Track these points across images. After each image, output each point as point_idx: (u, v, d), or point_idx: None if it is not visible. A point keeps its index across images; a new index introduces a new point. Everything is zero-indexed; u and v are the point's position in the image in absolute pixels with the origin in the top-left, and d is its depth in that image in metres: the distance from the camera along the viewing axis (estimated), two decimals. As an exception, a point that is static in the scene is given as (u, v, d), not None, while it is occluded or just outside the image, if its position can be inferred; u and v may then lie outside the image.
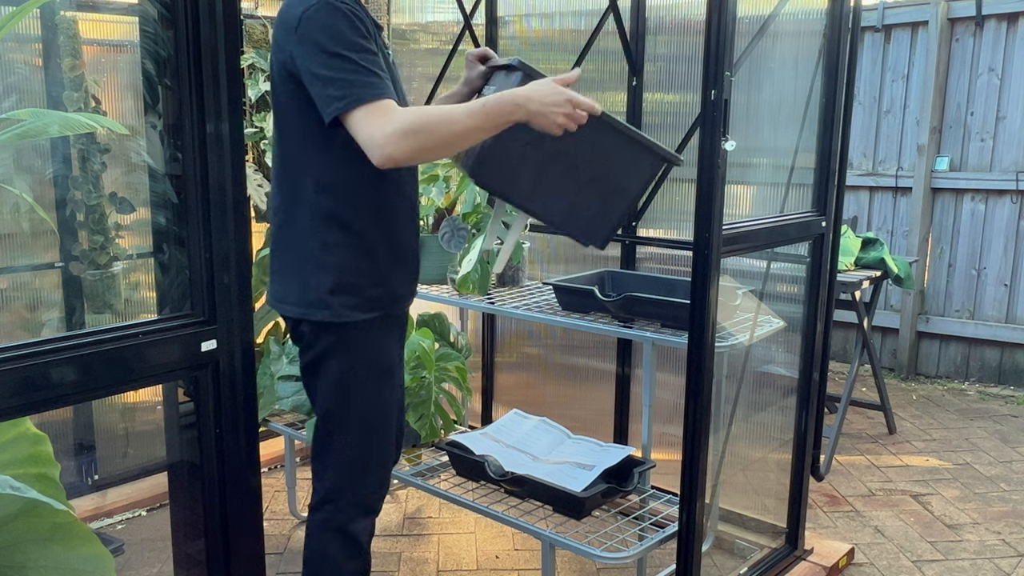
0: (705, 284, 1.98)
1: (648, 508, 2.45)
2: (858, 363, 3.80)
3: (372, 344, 1.89)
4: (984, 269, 4.67)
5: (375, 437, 1.93)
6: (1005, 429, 4.05)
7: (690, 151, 2.79)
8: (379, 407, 1.93)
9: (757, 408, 2.76)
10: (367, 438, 1.92)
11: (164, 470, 1.85)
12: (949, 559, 2.84)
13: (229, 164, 1.26)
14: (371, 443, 1.93)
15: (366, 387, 1.89)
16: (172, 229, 1.30)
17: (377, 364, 1.90)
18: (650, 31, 2.96)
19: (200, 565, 1.37)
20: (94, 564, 1.22)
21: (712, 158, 1.93)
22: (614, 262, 3.10)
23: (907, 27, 4.77)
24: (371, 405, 1.91)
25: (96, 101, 2.66)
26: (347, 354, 1.86)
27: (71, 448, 3.02)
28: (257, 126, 3.39)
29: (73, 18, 2.62)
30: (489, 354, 3.54)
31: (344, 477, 1.92)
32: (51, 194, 2.74)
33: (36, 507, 1.18)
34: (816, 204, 2.53)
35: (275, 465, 3.45)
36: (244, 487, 1.35)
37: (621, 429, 3.14)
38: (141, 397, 2.97)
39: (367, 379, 1.88)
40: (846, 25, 2.46)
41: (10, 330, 2.82)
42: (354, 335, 1.86)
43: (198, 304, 1.28)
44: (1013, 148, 4.52)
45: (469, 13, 3.34)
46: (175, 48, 1.22)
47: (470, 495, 2.47)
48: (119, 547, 2.74)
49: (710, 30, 1.89)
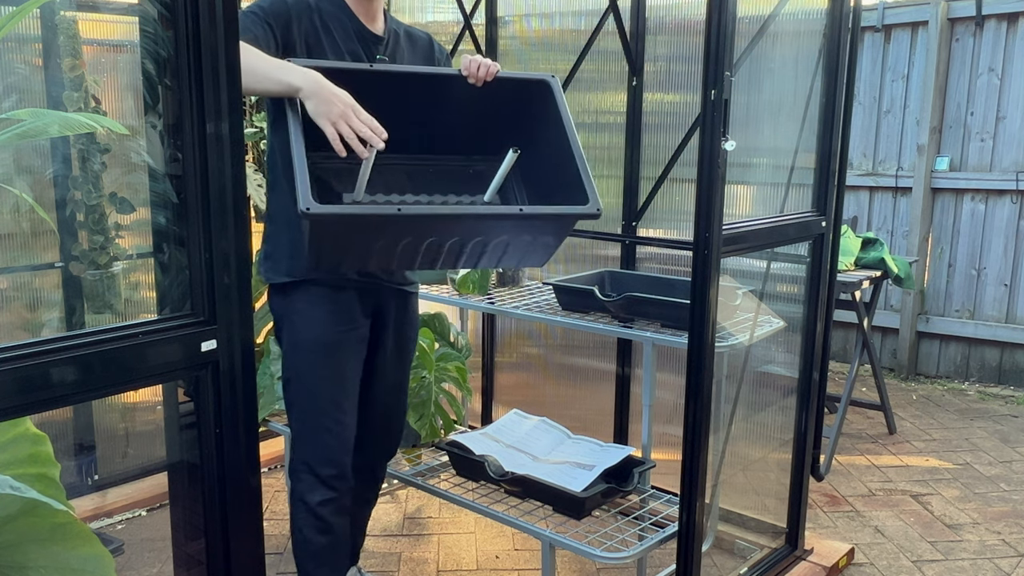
0: (705, 284, 1.98)
1: (648, 508, 2.45)
2: (858, 363, 3.80)
3: (299, 311, 2.03)
4: (984, 269, 4.67)
5: (311, 409, 2.05)
6: (1005, 429, 4.05)
7: (690, 151, 2.79)
8: (312, 379, 2.04)
9: (757, 408, 2.76)
10: (304, 410, 2.06)
11: (164, 470, 1.86)
12: (949, 559, 2.84)
13: (229, 164, 1.26)
14: (310, 415, 2.05)
15: (298, 357, 2.05)
16: (172, 229, 1.30)
17: (306, 335, 2.03)
18: (650, 31, 2.96)
19: (200, 565, 1.37)
20: (94, 564, 1.22)
21: (712, 158, 1.93)
22: (614, 262, 3.10)
23: (907, 27, 4.77)
24: (305, 376, 2.05)
25: (96, 101, 2.66)
26: (283, 319, 2.07)
27: (71, 448, 3.02)
28: (257, 126, 3.39)
29: (73, 18, 2.62)
30: (489, 354, 3.54)
31: (297, 447, 2.09)
32: (51, 194, 2.74)
33: (36, 507, 1.18)
34: (816, 204, 2.53)
35: (275, 465, 3.45)
36: (244, 487, 1.35)
37: (621, 429, 3.14)
38: (141, 397, 2.97)
39: (298, 350, 2.04)
40: (846, 25, 2.46)
41: (10, 330, 2.82)
42: (285, 297, 2.05)
43: (198, 304, 1.27)
44: (1013, 148, 4.52)
45: (469, 13, 3.34)
46: (175, 48, 1.22)
47: (470, 495, 2.47)
48: (119, 547, 2.74)
49: (710, 30, 1.89)
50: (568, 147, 1.92)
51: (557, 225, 1.88)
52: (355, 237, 1.78)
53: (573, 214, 1.85)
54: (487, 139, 2.05)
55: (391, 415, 2.31)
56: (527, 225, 1.83)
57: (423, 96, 1.99)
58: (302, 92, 1.73)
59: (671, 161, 2.84)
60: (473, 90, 1.98)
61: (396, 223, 1.71)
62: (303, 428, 2.07)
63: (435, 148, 2.06)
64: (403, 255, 1.84)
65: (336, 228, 1.72)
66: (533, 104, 2.02)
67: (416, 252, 1.83)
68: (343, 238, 1.77)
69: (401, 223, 1.71)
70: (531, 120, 2.03)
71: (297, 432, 2.09)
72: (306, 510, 2.05)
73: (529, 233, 1.87)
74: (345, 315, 2.06)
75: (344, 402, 2.08)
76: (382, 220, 1.71)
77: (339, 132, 1.73)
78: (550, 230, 1.89)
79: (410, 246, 1.81)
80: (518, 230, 1.85)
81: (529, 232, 1.87)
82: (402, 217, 1.68)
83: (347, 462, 2.10)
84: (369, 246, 1.80)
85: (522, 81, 2.04)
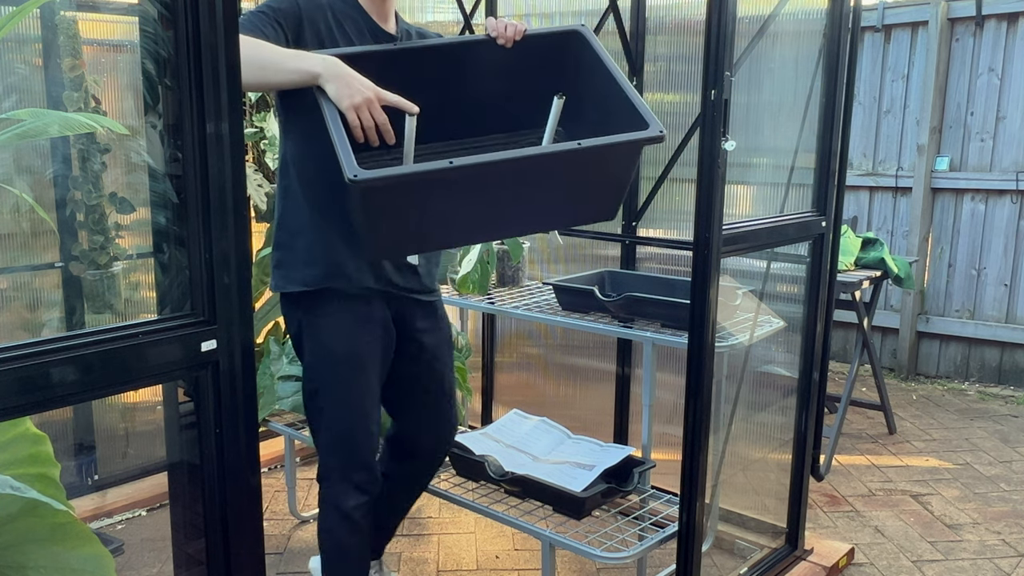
0: (705, 284, 1.98)
1: (648, 508, 2.45)
2: (858, 363, 3.80)
3: (323, 324, 1.99)
4: (984, 269, 4.67)
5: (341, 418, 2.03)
6: (1005, 429, 4.05)
7: (690, 151, 2.79)
8: (341, 391, 2.01)
9: (757, 408, 2.76)
10: (334, 419, 2.03)
11: (164, 470, 1.86)
12: (949, 559, 2.84)
13: (229, 164, 1.26)
14: (340, 424, 2.03)
15: (324, 368, 2.01)
16: (172, 229, 1.30)
17: (333, 346, 1.99)
18: (650, 31, 2.96)
19: (200, 565, 1.37)
20: (94, 564, 1.22)
21: (712, 158, 1.93)
22: (614, 262, 3.10)
23: (907, 27, 4.77)
24: (333, 387, 2.01)
25: (96, 101, 2.66)
26: (304, 330, 2.02)
27: (71, 448, 3.02)
28: (257, 126, 3.39)
29: (73, 18, 2.62)
30: (489, 354, 3.54)
31: (328, 455, 2.06)
32: (51, 194, 2.74)
33: (36, 507, 1.18)
34: (816, 204, 2.53)
35: (275, 465, 3.45)
36: (244, 487, 1.35)
37: (621, 429, 3.14)
38: (141, 397, 2.97)
39: (325, 361, 2.00)
40: (846, 25, 2.46)
41: (10, 330, 2.82)
42: (304, 308, 2.00)
43: (198, 304, 1.27)
44: (1013, 148, 4.52)
45: (469, 13, 3.34)
46: (175, 48, 1.22)
47: (470, 495, 2.47)
48: (119, 547, 2.74)
49: (710, 30, 1.89)
50: (616, 85, 1.80)
51: (621, 156, 1.72)
52: (410, 204, 1.64)
53: (636, 140, 1.70)
54: (526, 108, 1.92)
55: (426, 425, 2.26)
56: (588, 162, 1.70)
57: (453, 70, 1.89)
58: (322, 77, 1.69)
59: (671, 161, 2.84)
60: (504, 55, 1.88)
61: (450, 178, 1.60)
62: (333, 437, 2.05)
63: (475, 129, 1.95)
64: (464, 221, 1.71)
65: (388, 195, 1.60)
66: (567, 58, 1.91)
67: (476, 215, 1.71)
68: (397, 207, 1.65)
69: (455, 177, 1.60)
70: (569, 74, 1.91)
71: (326, 441, 2.06)
72: (339, 514, 2.04)
73: (591, 172, 1.73)
74: (369, 325, 2.02)
75: (373, 411, 2.06)
76: (436, 175, 1.59)
77: (360, 119, 1.69)
78: (613, 164, 1.73)
79: (469, 207, 1.69)
80: (579, 169, 1.71)
81: (591, 171, 1.72)
82: (456, 169, 1.58)
83: (376, 466, 2.10)
84: (426, 213, 1.67)
85: (552, 35, 1.94)
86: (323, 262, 1.96)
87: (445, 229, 1.73)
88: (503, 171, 1.65)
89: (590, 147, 1.66)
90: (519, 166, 1.65)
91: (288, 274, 2.00)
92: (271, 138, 3.35)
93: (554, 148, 1.70)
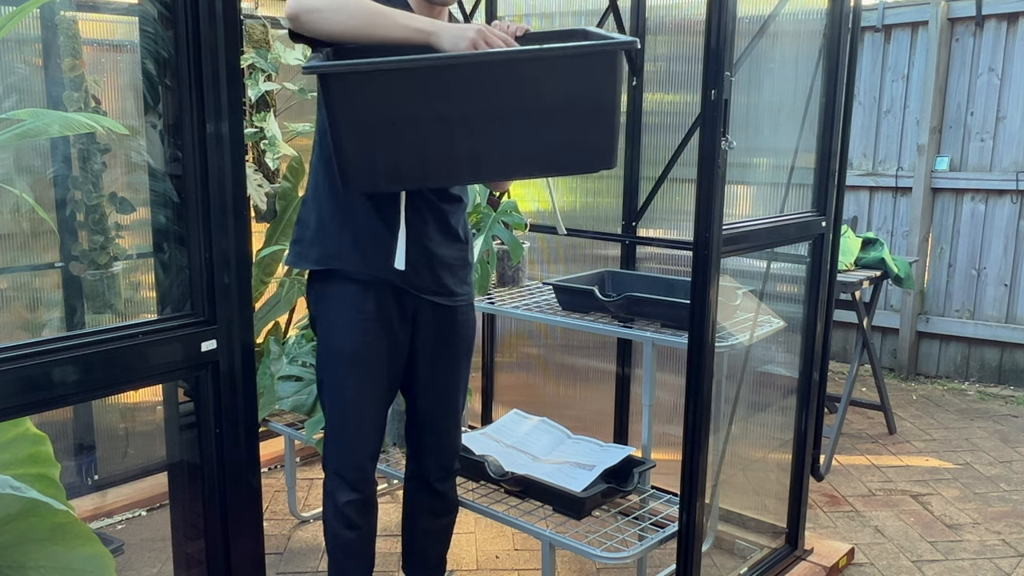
0: (705, 284, 1.98)
1: (648, 508, 2.45)
2: (858, 363, 3.80)
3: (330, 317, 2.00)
4: (984, 269, 4.67)
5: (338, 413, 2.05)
6: (1005, 429, 4.05)
7: (690, 151, 2.79)
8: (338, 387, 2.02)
9: (757, 408, 2.76)
10: (332, 413, 2.06)
11: (164, 470, 1.86)
12: (949, 559, 2.84)
13: (229, 164, 1.26)
14: (337, 420, 2.05)
15: (328, 361, 2.03)
16: (172, 229, 1.30)
17: (335, 342, 2.00)
18: (650, 31, 2.96)
19: (200, 565, 1.37)
20: (94, 564, 1.22)
21: (712, 158, 1.93)
22: (614, 262, 3.10)
23: (907, 27, 4.77)
24: (332, 382, 2.03)
25: (96, 101, 2.66)
26: (317, 318, 2.03)
27: (71, 448, 3.02)
28: (257, 126, 3.38)
29: (73, 18, 2.62)
30: (489, 354, 3.54)
31: (327, 447, 2.09)
32: (51, 194, 2.74)
33: (36, 507, 1.18)
34: (816, 204, 2.53)
35: (275, 465, 3.45)
36: (244, 487, 1.35)
37: (621, 429, 3.14)
38: (141, 397, 2.97)
39: (328, 354, 2.02)
40: (846, 25, 2.46)
41: (10, 330, 2.82)
42: (317, 292, 2.02)
43: (198, 304, 1.28)
44: (1013, 148, 4.52)
45: (469, 13, 3.34)
46: (175, 48, 1.22)
47: (470, 495, 2.47)
48: (119, 547, 2.74)
49: (710, 30, 1.89)
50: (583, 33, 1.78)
51: (597, 70, 1.64)
52: (372, 113, 1.61)
53: (609, 44, 1.64)
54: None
55: (437, 428, 2.21)
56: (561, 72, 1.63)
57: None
58: (433, 35, 1.69)
59: (671, 161, 2.84)
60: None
61: (415, 76, 1.57)
62: (332, 430, 2.07)
63: None
64: (439, 153, 1.67)
65: (347, 93, 1.57)
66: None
67: (451, 146, 1.66)
68: (361, 118, 1.60)
69: (421, 77, 1.58)
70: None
71: (328, 433, 2.09)
72: (334, 507, 2.08)
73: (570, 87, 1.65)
74: (374, 322, 1.99)
75: (371, 412, 2.05)
76: (392, 66, 1.55)
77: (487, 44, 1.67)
78: (592, 81, 1.65)
79: (441, 134, 1.64)
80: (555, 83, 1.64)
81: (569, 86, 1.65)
82: (421, 67, 1.56)
83: (371, 467, 2.09)
84: (394, 130, 1.61)
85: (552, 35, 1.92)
86: (334, 242, 1.95)
87: (420, 160, 1.68)
88: (467, 78, 1.62)
89: (558, 49, 1.66)
90: (486, 72, 1.63)
91: (302, 251, 2.00)
92: (271, 138, 3.35)
93: (518, 49, 1.69)
